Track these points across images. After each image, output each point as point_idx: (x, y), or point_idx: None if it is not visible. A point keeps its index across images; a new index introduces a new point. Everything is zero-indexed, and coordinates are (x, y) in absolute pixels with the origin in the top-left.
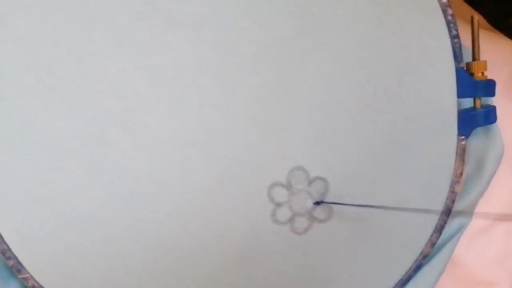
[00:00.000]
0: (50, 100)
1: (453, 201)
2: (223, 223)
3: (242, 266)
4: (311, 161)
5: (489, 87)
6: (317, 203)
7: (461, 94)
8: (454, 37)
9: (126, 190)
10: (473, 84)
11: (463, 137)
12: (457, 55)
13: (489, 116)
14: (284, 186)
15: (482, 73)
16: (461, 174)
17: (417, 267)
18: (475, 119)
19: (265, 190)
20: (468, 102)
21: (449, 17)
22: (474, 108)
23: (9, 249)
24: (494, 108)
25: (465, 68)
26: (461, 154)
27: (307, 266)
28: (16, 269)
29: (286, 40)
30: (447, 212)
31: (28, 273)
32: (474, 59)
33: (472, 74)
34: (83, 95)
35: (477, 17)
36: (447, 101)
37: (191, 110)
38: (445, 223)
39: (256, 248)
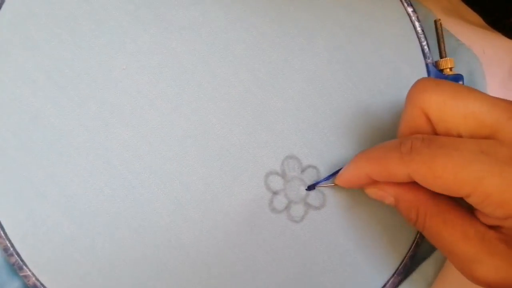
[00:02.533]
0: (59, 98)
1: None
2: (222, 213)
3: (240, 256)
4: (303, 150)
5: (457, 80)
6: (309, 188)
7: None
8: (420, 37)
9: (128, 182)
10: (442, 77)
11: None
12: (425, 52)
13: None
14: (279, 174)
15: (450, 69)
16: None
17: (412, 255)
18: None
19: (262, 179)
20: None
21: (413, 18)
22: None
23: (12, 245)
24: None
25: (434, 64)
26: None
27: (305, 254)
28: (17, 266)
29: (273, 41)
30: None
31: (30, 270)
32: (441, 57)
33: (441, 71)
34: (90, 92)
35: (440, 20)
36: None
37: (189, 105)
38: None
39: (255, 237)
